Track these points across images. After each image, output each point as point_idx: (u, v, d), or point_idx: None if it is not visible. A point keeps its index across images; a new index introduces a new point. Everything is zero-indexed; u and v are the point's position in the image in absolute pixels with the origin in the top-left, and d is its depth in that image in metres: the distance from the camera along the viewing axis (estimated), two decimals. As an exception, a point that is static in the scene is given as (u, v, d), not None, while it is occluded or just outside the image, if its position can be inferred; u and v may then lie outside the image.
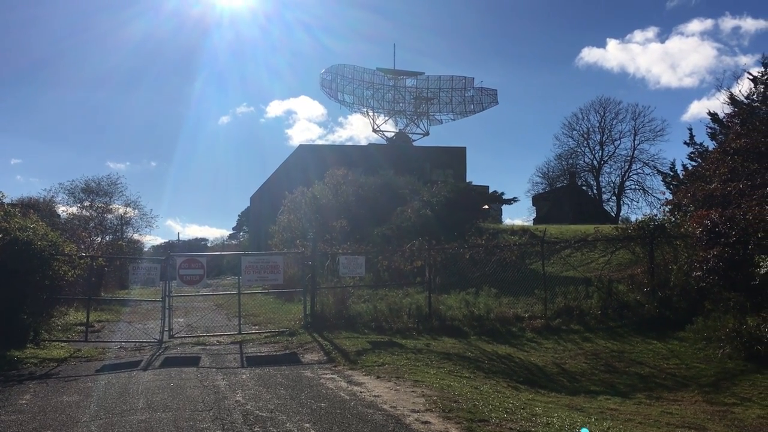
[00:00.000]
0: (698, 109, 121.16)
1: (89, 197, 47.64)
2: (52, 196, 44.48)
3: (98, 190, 48.07)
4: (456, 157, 53.15)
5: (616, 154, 73.81)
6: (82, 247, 26.77)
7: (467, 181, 45.33)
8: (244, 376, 10.89)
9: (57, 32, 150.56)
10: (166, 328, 16.05)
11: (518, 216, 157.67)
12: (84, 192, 47.45)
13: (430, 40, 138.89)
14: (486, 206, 36.87)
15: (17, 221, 15.20)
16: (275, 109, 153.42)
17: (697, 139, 41.29)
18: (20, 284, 14.35)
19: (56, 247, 16.17)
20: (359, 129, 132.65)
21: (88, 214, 46.15)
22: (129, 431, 7.30)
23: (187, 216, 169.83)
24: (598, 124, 74.31)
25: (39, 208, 29.73)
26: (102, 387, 10.19)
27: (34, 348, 14.31)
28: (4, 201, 16.14)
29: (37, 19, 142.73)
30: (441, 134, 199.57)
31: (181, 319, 19.05)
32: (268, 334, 16.36)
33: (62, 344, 15.26)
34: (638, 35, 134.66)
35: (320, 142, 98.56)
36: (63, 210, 44.66)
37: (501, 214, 50.36)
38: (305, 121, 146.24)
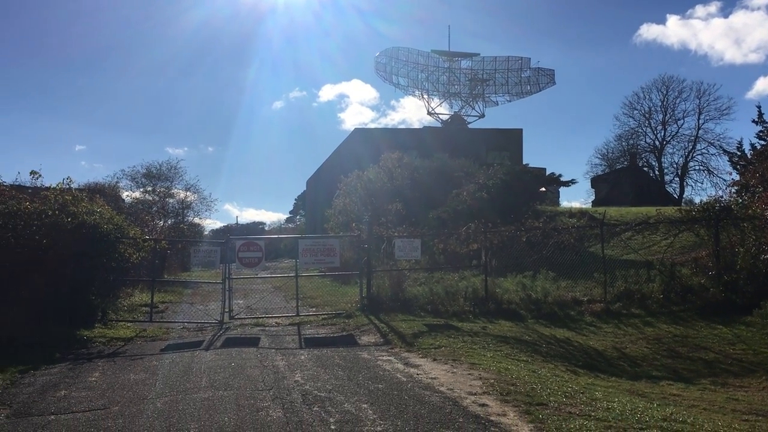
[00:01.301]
0: (765, 86, 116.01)
1: (151, 182, 48.96)
2: (117, 181, 45.93)
3: (159, 174, 49.34)
4: (512, 139, 52.42)
5: (679, 134, 71.60)
6: (146, 230, 27.57)
7: (524, 163, 44.73)
8: (302, 357, 11.07)
9: (118, 22, 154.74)
10: (227, 310, 16.44)
11: (576, 198, 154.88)
12: (146, 177, 48.80)
13: (484, 21, 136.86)
14: (543, 189, 36.24)
15: (85, 205, 15.73)
16: (327, 93, 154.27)
17: (766, 117, 39.62)
18: (88, 266, 14.87)
19: (121, 231, 16.68)
20: (412, 112, 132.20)
21: (150, 198, 47.49)
22: (193, 408, 7.53)
23: (243, 200, 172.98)
24: (660, 103, 72.17)
25: (105, 193, 30.73)
26: (167, 366, 10.52)
27: (102, 328, 14.90)
28: (72, 186, 16.70)
29: (99, 9, 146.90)
30: (497, 116, 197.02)
31: (241, 301, 19.47)
32: (326, 316, 16.57)
33: (128, 324, 15.82)
34: (700, 10, 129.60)
35: (373, 126, 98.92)
36: (127, 195, 46.09)
37: (558, 197, 49.51)
38: (357, 105, 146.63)
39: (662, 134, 72.33)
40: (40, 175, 16.40)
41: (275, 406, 7.56)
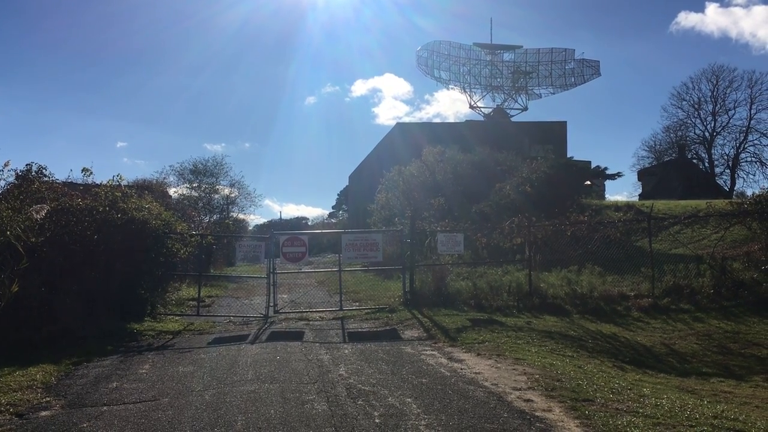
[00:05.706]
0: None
1: (197, 178, 49.83)
2: (164, 178, 46.88)
3: (205, 170, 50.18)
4: (556, 132, 51.73)
5: (730, 125, 69.36)
6: (192, 225, 28.10)
7: (568, 156, 44.12)
8: (346, 351, 11.15)
9: (159, 21, 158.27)
10: (271, 304, 16.65)
11: (622, 192, 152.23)
12: (192, 173, 49.68)
13: (524, 14, 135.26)
14: (588, 182, 35.73)
15: (134, 202, 16.09)
16: (360, 88, 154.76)
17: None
18: (137, 261, 15.20)
19: (169, 226, 17.02)
20: (446, 105, 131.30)
21: (196, 194, 48.34)
22: (240, 401, 7.65)
23: (283, 195, 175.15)
24: (710, 93, 70.03)
25: (152, 189, 31.39)
26: (214, 359, 10.72)
27: (152, 321, 15.26)
28: (122, 183, 17.11)
29: (141, 8, 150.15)
30: (540, 109, 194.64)
31: (285, 296, 19.68)
32: (369, 310, 16.64)
33: (176, 318, 16.16)
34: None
35: (408, 120, 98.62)
36: (174, 191, 47.00)
37: (604, 190, 48.75)
38: (391, 99, 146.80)
39: (712, 125, 70.27)
40: (91, 173, 16.88)
41: (320, 399, 7.64)
